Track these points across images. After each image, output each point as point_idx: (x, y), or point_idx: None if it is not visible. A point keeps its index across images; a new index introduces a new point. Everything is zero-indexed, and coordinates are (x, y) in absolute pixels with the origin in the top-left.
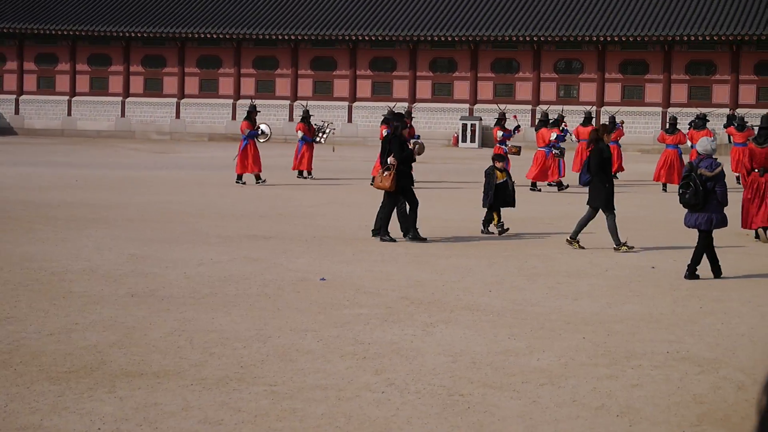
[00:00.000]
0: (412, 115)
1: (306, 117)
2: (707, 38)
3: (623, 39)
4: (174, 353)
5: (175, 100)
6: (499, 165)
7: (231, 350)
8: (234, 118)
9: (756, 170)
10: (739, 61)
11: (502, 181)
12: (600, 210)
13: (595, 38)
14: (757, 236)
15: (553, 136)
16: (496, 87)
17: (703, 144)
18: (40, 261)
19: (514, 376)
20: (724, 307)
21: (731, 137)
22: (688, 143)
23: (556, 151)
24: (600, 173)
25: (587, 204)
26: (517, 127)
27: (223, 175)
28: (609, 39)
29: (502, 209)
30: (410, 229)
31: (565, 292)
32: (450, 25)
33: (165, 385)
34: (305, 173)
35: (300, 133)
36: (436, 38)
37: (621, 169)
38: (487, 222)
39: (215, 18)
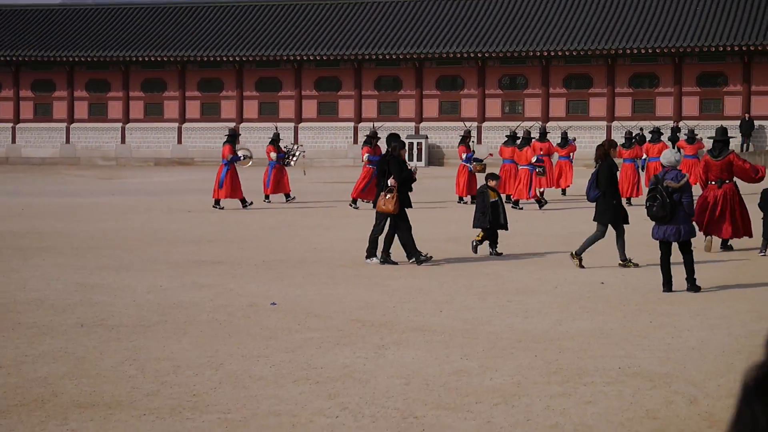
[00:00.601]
0: (378, 136)
1: (275, 139)
2: (650, 51)
3: (566, 54)
4: (126, 383)
5: (120, 125)
6: (492, 184)
7: (183, 378)
8: (180, 141)
9: (713, 182)
10: (682, 73)
11: (494, 200)
12: (609, 226)
13: (538, 53)
14: (725, 247)
15: (534, 158)
16: (442, 104)
17: (667, 156)
18: None
19: (468, 396)
20: (673, 320)
21: (681, 150)
22: (644, 155)
23: (539, 169)
24: (610, 189)
25: (594, 220)
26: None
27: (171, 200)
28: (552, 54)
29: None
30: (384, 250)
31: (515, 310)
32: (394, 44)
33: (117, 416)
34: (287, 195)
35: (273, 155)
36: (380, 57)
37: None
38: (493, 243)
39: (159, 41)
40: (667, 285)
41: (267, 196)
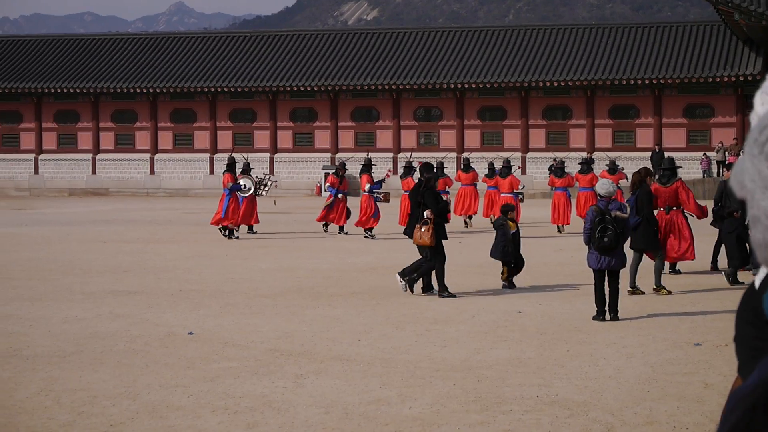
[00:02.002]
0: (346, 168)
1: (246, 170)
2: (562, 83)
3: (480, 86)
4: (41, 413)
5: (33, 155)
6: (511, 215)
7: (100, 409)
8: (94, 172)
9: (662, 209)
10: (594, 106)
11: (513, 232)
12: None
13: (453, 85)
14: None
15: (521, 186)
16: (357, 135)
17: (605, 187)
18: None
19: (387, 425)
20: (590, 349)
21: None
22: (577, 184)
23: (521, 195)
24: (650, 215)
25: (630, 248)
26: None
27: (85, 231)
28: (467, 86)
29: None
30: (407, 275)
31: (433, 339)
32: (309, 76)
33: None
34: (253, 228)
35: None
36: (295, 88)
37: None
38: (510, 276)
39: (72, 72)
40: (602, 314)
41: (240, 227)
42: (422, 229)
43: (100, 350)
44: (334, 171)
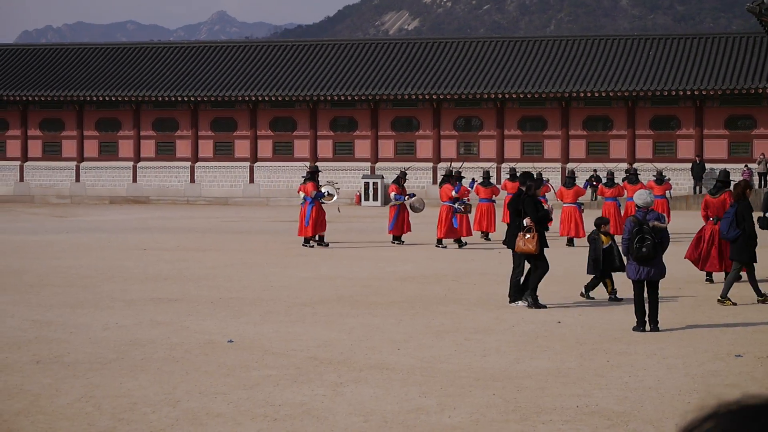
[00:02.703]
0: (407, 177)
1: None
2: (603, 94)
3: (521, 96)
4: (82, 420)
5: (74, 163)
6: (604, 229)
7: (140, 415)
8: (135, 180)
9: (711, 219)
10: (635, 117)
11: (607, 245)
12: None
13: (493, 95)
14: (709, 279)
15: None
16: (397, 145)
17: (643, 197)
18: None
19: None
20: (630, 360)
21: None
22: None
23: (582, 206)
24: (750, 229)
25: (730, 258)
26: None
27: (126, 238)
28: (507, 96)
29: (613, 274)
30: (529, 294)
31: (473, 348)
32: (349, 85)
33: None
34: (323, 238)
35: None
36: (335, 98)
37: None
38: (590, 287)
39: (114, 81)
40: (642, 325)
41: (308, 239)
42: (526, 237)
43: (141, 357)
44: (395, 180)
